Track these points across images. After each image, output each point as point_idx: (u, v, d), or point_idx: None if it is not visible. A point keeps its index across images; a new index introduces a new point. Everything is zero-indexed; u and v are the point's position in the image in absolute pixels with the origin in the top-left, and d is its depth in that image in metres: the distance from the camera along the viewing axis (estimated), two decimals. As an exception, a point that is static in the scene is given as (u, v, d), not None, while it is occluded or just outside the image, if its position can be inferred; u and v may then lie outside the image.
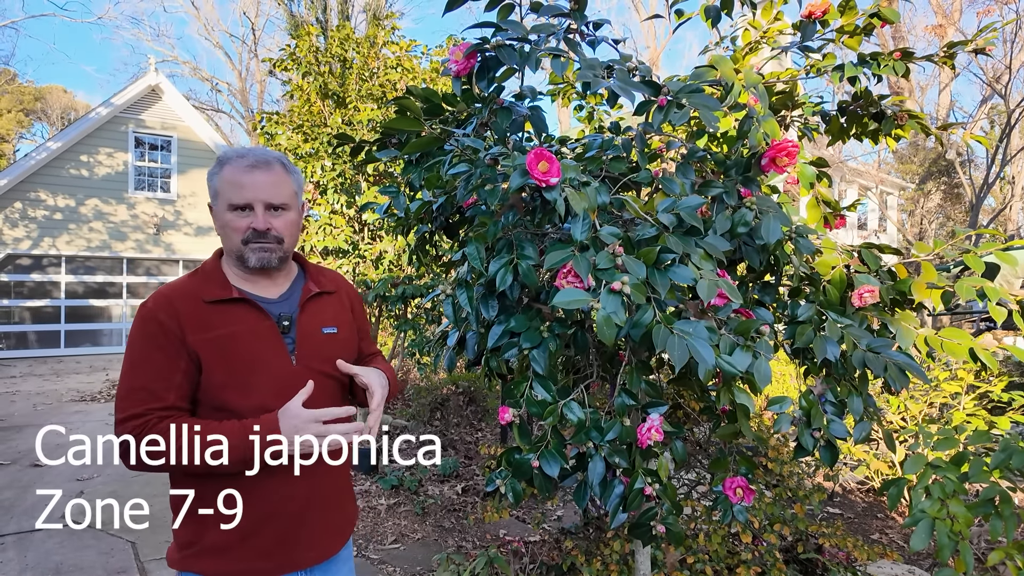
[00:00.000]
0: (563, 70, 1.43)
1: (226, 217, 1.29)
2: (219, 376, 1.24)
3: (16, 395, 7.68)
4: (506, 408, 1.54)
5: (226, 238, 1.32)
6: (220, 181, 1.30)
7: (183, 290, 1.29)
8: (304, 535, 1.34)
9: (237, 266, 1.34)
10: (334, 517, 1.43)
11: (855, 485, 4.46)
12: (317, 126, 4.67)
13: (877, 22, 1.74)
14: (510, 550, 2.89)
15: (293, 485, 1.29)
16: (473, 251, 1.53)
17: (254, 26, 24.52)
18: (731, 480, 1.66)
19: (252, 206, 1.29)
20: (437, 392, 5.89)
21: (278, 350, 1.30)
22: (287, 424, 1.21)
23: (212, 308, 1.27)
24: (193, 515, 1.28)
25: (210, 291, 1.29)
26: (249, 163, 1.29)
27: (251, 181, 1.28)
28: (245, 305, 1.30)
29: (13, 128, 27.03)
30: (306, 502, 1.33)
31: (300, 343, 1.34)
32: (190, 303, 1.26)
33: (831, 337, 1.58)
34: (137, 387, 1.21)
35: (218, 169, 1.31)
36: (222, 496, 1.26)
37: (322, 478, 1.36)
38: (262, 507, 1.28)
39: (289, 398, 1.25)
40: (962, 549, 1.48)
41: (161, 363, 1.22)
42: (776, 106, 2.06)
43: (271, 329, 1.31)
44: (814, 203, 2.01)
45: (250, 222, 1.29)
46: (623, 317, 1.25)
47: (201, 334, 1.24)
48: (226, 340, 1.25)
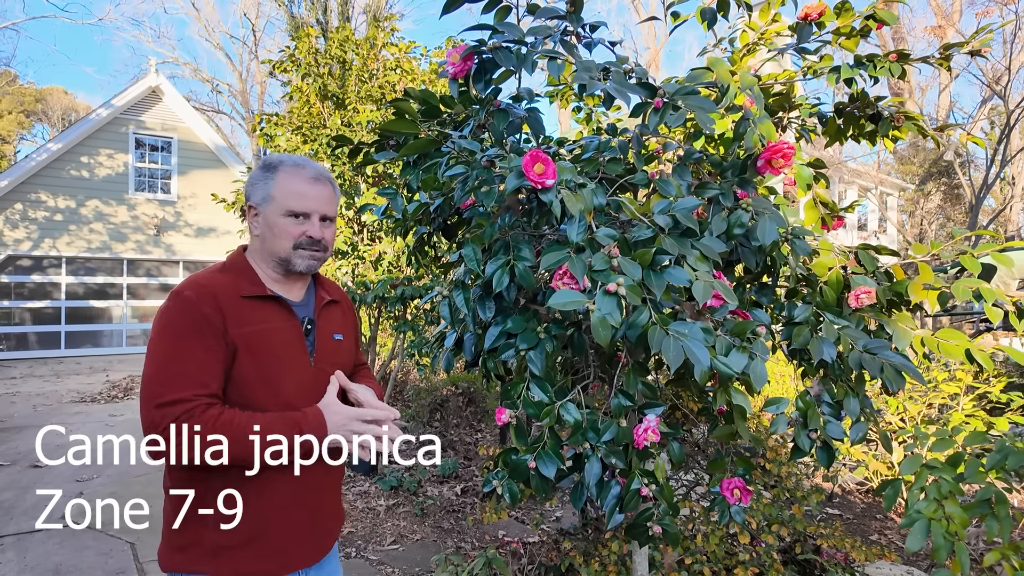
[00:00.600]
0: (560, 72, 1.43)
1: (280, 221, 1.34)
2: (249, 371, 1.27)
3: (16, 396, 7.69)
4: (503, 409, 1.54)
5: (273, 240, 1.35)
6: (277, 187, 1.35)
7: (221, 284, 1.31)
8: (306, 535, 1.35)
9: (273, 267, 1.38)
10: (331, 517, 1.45)
11: (854, 486, 4.46)
12: (316, 127, 4.67)
13: (873, 24, 1.75)
14: (508, 551, 2.90)
15: (300, 486, 1.32)
16: (470, 252, 1.53)
17: (254, 27, 24.56)
18: (728, 481, 1.67)
19: (310, 215, 1.36)
20: (437, 393, 5.89)
21: (301, 350, 1.36)
22: (332, 420, 1.27)
23: (248, 303, 1.31)
24: (194, 516, 1.28)
25: (246, 287, 1.33)
26: (312, 175, 1.38)
27: (314, 193, 1.37)
28: (277, 304, 1.35)
29: (14, 129, 27.07)
30: (312, 503, 1.36)
31: (318, 346, 1.40)
32: (230, 298, 1.29)
33: (828, 338, 1.58)
34: (181, 372, 1.20)
35: (270, 174, 1.36)
36: (223, 497, 1.27)
37: (326, 479, 1.39)
38: (270, 509, 1.29)
39: (307, 396, 1.31)
40: (958, 550, 1.48)
41: (204, 350, 1.23)
42: (773, 107, 2.06)
43: (296, 329, 1.36)
44: (812, 204, 2.02)
45: (305, 230, 1.36)
46: (619, 318, 1.25)
47: (241, 328, 1.27)
48: (260, 336, 1.29)
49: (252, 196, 1.38)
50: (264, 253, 1.38)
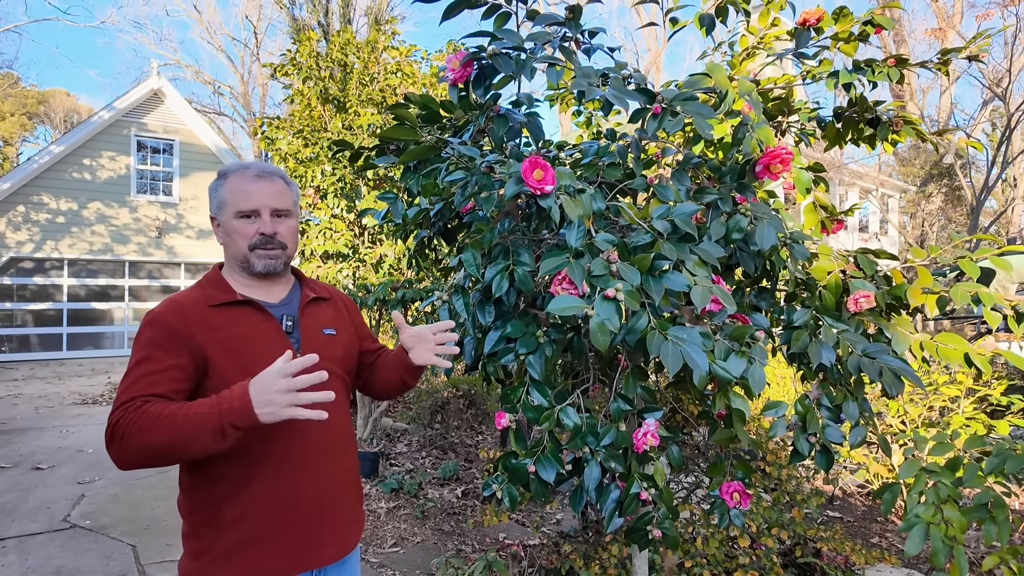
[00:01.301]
0: (559, 78, 1.44)
1: (233, 224, 1.35)
2: (231, 375, 1.25)
3: (18, 398, 7.70)
4: (503, 413, 1.55)
5: (232, 245, 1.37)
6: (226, 191, 1.36)
7: (189, 297, 1.33)
8: (319, 529, 1.34)
9: (240, 273, 1.39)
10: (346, 510, 1.43)
11: (855, 488, 4.46)
12: (317, 131, 4.69)
13: (871, 29, 1.75)
14: (509, 554, 2.90)
15: (303, 476, 1.31)
16: (469, 257, 1.54)
17: (256, 30, 24.61)
18: (728, 484, 1.67)
19: (259, 212, 1.35)
20: (437, 395, 5.90)
21: (285, 347, 1.32)
22: (255, 386, 1.11)
23: (217, 311, 1.31)
24: (203, 522, 1.28)
25: (213, 296, 1.34)
26: (255, 173, 1.38)
27: (258, 189, 1.36)
28: (249, 307, 1.35)
29: (16, 132, 27.14)
30: (318, 493, 1.34)
31: (304, 342, 1.38)
32: (197, 307, 1.30)
33: (827, 342, 1.59)
34: (134, 380, 1.22)
35: (222, 181, 1.38)
36: (233, 498, 1.26)
37: (331, 467, 1.37)
38: (274, 503, 1.28)
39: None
40: (956, 554, 1.48)
41: (161, 359, 1.23)
42: (772, 112, 2.07)
43: (275, 329, 1.35)
44: (811, 208, 2.03)
45: (257, 227, 1.35)
46: (617, 323, 1.26)
47: (208, 334, 1.27)
48: (234, 340, 1.29)
49: (212, 207, 1.40)
50: (231, 260, 1.39)
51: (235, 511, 1.27)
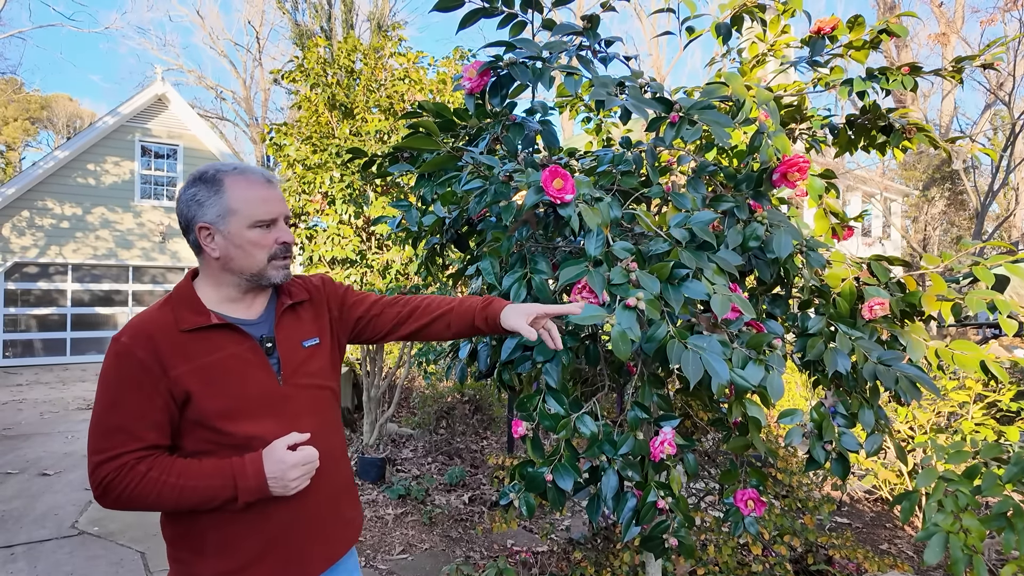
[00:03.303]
0: (577, 87, 1.44)
1: (248, 235, 1.23)
2: (211, 403, 1.18)
3: (23, 403, 7.71)
4: (519, 422, 1.55)
5: (243, 258, 1.24)
6: (233, 198, 1.22)
7: (158, 322, 1.20)
8: (310, 547, 1.30)
9: (229, 287, 1.28)
10: (339, 521, 1.38)
11: (863, 494, 4.45)
12: (325, 137, 4.70)
13: (886, 37, 1.76)
14: (519, 561, 2.89)
15: (294, 500, 1.24)
16: (487, 266, 1.54)
17: (258, 35, 24.71)
18: (742, 492, 1.67)
19: (276, 220, 1.26)
20: (443, 400, 5.89)
21: (265, 372, 1.25)
22: (273, 468, 1.17)
23: (190, 337, 1.20)
24: (186, 548, 1.24)
25: (186, 319, 1.21)
26: (265, 177, 1.27)
27: (274, 195, 1.27)
28: (224, 330, 1.23)
29: (19, 136, 27.24)
30: (310, 514, 1.29)
31: (284, 363, 1.28)
32: (167, 335, 1.18)
33: (842, 349, 1.59)
34: (113, 427, 1.15)
35: (218, 187, 1.23)
36: (216, 526, 1.21)
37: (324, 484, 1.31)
38: (263, 531, 1.23)
39: (282, 421, 1.23)
40: (975, 563, 1.48)
41: (139, 401, 1.15)
42: (785, 119, 2.07)
43: (253, 351, 1.25)
44: (822, 214, 2.03)
45: (277, 236, 1.26)
46: (638, 332, 1.26)
47: (183, 366, 1.17)
48: (211, 368, 1.19)
49: (203, 216, 1.22)
50: (227, 274, 1.26)
51: (219, 538, 1.21)
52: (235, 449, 1.20)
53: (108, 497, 1.15)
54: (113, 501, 1.15)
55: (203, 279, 1.29)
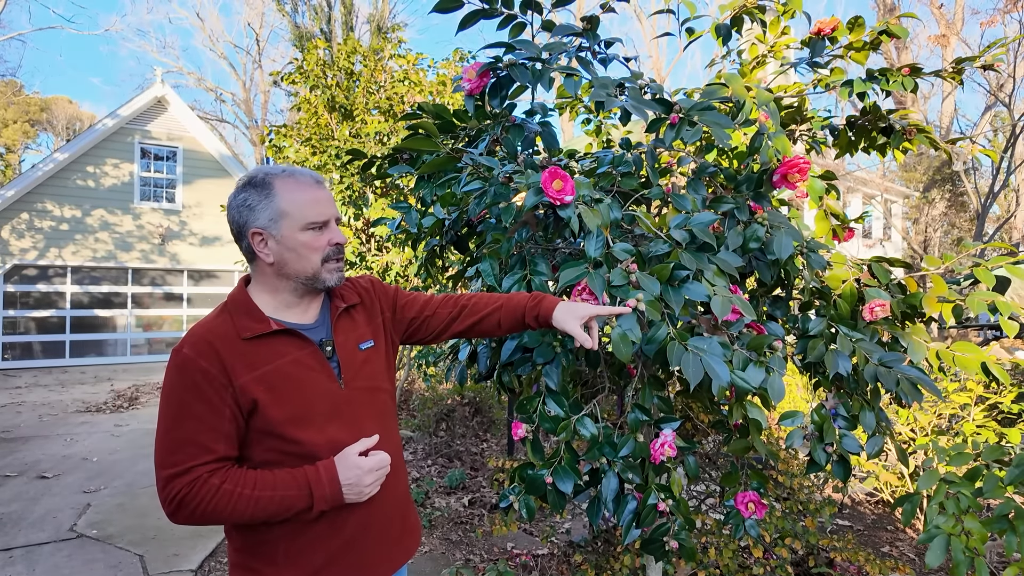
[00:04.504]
0: (577, 88, 1.44)
1: (302, 238, 1.21)
2: (277, 411, 1.17)
3: (22, 406, 7.70)
4: (519, 424, 1.54)
5: (298, 261, 1.23)
6: (284, 201, 1.21)
7: (218, 331, 1.19)
8: (376, 552, 1.30)
9: (293, 291, 1.27)
10: (402, 527, 1.38)
11: (864, 496, 4.44)
12: (325, 139, 4.70)
13: (886, 38, 1.75)
14: (519, 564, 2.88)
15: (363, 507, 1.24)
16: (487, 267, 1.54)
17: (258, 37, 24.75)
18: (743, 494, 1.66)
19: (328, 221, 1.25)
20: (443, 403, 5.88)
21: (327, 376, 1.25)
22: (348, 474, 1.18)
23: (252, 344, 1.19)
24: (258, 557, 1.22)
25: (246, 327, 1.20)
26: (314, 179, 1.26)
27: (325, 196, 1.26)
28: (285, 336, 1.23)
29: (19, 139, 27.25)
30: (377, 520, 1.29)
31: (344, 366, 1.28)
32: (229, 343, 1.17)
33: (842, 351, 1.58)
34: (182, 440, 1.13)
35: (268, 191, 1.21)
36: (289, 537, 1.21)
37: (389, 489, 1.31)
38: (335, 540, 1.23)
39: (346, 425, 1.24)
40: (977, 565, 1.47)
41: (206, 412, 1.14)
42: (785, 120, 2.07)
43: (315, 355, 1.24)
44: (822, 216, 2.02)
45: (330, 237, 1.25)
46: (639, 334, 1.25)
47: (248, 374, 1.16)
48: (275, 375, 1.18)
49: (255, 221, 1.21)
50: (282, 279, 1.25)
51: (292, 548, 1.21)
52: (302, 458, 1.19)
53: (182, 512, 1.12)
54: (187, 516, 1.12)
55: (258, 285, 1.28)
